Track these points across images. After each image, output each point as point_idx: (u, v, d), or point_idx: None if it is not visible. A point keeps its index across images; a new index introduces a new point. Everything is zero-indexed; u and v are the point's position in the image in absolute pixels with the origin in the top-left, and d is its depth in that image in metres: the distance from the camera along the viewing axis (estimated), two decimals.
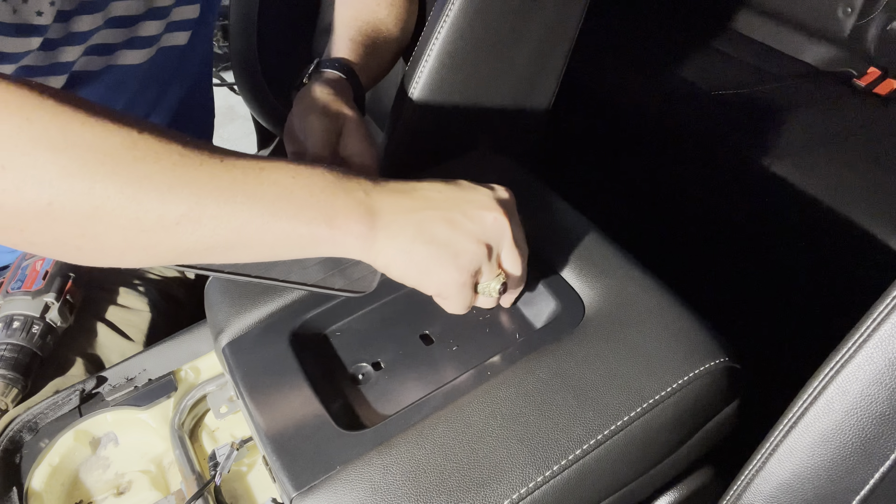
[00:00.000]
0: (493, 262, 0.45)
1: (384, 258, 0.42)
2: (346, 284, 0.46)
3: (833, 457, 0.38)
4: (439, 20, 0.66)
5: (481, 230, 0.43)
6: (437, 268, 0.43)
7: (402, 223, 0.42)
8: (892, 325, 0.35)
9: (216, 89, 2.58)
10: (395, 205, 0.42)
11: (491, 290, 0.46)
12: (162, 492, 0.55)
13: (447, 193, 0.44)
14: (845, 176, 0.85)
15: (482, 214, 0.43)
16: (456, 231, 0.42)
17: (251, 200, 0.38)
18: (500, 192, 0.46)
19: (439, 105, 0.70)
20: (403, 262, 0.43)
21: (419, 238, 0.42)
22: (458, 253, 0.43)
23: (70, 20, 0.58)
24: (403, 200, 0.42)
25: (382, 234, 0.42)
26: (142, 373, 0.60)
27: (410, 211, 0.42)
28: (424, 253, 0.42)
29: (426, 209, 0.42)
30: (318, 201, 0.40)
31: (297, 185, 0.40)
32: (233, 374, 0.49)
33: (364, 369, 0.50)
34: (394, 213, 0.42)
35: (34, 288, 0.65)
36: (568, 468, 0.41)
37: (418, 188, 0.43)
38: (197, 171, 0.37)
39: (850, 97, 1.03)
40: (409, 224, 0.42)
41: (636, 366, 0.45)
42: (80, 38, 0.59)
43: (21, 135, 0.34)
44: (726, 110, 0.99)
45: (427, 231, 0.42)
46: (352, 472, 0.41)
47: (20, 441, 0.56)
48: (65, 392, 0.58)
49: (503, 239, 0.44)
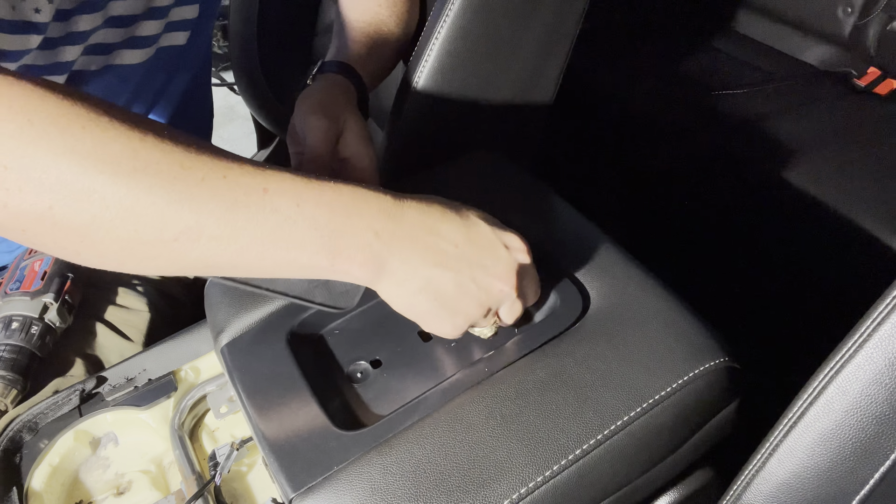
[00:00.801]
0: (491, 316, 0.46)
1: (386, 296, 0.43)
2: (327, 298, 0.46)
3: (833, 457, 0.38)
4: (439, 20, 0.66)
5: (487, 297, 0.43)
6: (435, 320, 0.44)
7: (409, 274, 0.41)
8: (892, 325, 0.35)
9: (216, 89, 2.58)
10: (405, 255, 0.40)
11: (481, 334, 0.48)
12: (162, 492, 0.54)
13: (463, 250, 0.42)
14: (845, 176, 0.85)
15: (492, 283, 0.43)
16: (462, 295, 0.42)
17: (252, 225, 0.37)
18: (516, 252, 0.44)
19: (439, 105, 0.70)
20: (405, 305, 0.43)
21: (424, 292, 0.42)
22: (458, 312, 0.43)
23: (69, 19, 0.58)
24: (415, 252, 0.41)
25: (386, 280, 0.41)
26: (142, 373, 0.60)
27: (420, 264, 0.41)
28: (427, 307, 0.43)
29: (437, 266, 0.41)
30: (321, 236, 0.38)
31: (302, 216, 0.38)
32: (231, 375, 0.49)
33: (362, 368, 0.50)
34: (402, 264, 0.40)
35: (33, 288, 0.65)
36: (568, 468, 0.41)
37: (436, 234, 0.41)
38: (198, 187, 0.36)
39: (850, 97, 1.02)
40: (416, 277, 0.41)
41: (636, 365, 0.45)
42: (79, 37, 0.59)
43: (23, 136, 0.33)
44: (726, 110, 0.99)
45: (433, 288, 0.42)
46: (351, 472, 0.41)
47: (20, 441, 0.56)
48: (65, 392, 0.58)
49: (504, 303, 0.45)
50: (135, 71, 0.68)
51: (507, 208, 0.54)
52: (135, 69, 0.67)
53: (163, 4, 0.65)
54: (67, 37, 0.58)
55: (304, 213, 0.38)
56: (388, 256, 0.40)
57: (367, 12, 0.66)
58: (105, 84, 0.66)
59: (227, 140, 2.15)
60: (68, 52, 0.60)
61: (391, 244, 0.40)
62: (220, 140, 2.16)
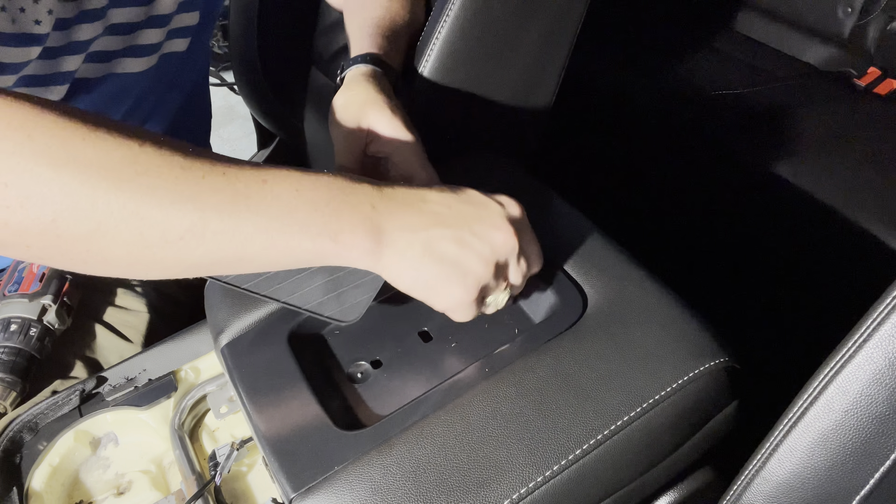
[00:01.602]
0: (500, 277, 0.45)
1: (391, 273, 0.42)
2: (335, 311, 0.46)
3: (833, 457, 0.38)
4: (439, 20, 0.66)
5: (490, 250, 0.43)
6: (445, 286, 0.43)
7: (409, 240, 0.41)
8: (892, 325, 0.35)
9: (216, 89, 2.58)
10: (402, 220, 0.41)
11: (498, 303, 0.47)
12: (162, 492, 0.55)
13: (457, 209, 0.43)
14: (845, 176, 0.85)
15: (491, 234, 0.43)
16: (465, 250, 0.42)
17: (255, 215, 0.38)
18: (510, 207, 0.45)
19: (439, 105, 0.70)
20: (411, 278, 0.43)
21: (427, 257, 0.42)
22: (466, 272, 0.42)
23: (70, 28, 0.57)
24: (411, 216, 0.41)
25: (389, 251, 0.41)
26: (142, 373, 0.60)
27: (419, 228, 0.41)
28: (433, 272, 0.42)
29: (435, 226, 0.42)
30: (322, 216, 0.39)
31: (301, 200, 0.39)
32: (231, 375, 0.49)
33: (362, 368, 0.50)
34: (401, 230, 0.41)
35: (31, 290, 0.65)
36: (568, 468, 0.41)
37: (427, 201, 0.43)
38: (199, 185, 0.37)
39: (850, 97, 1.02)
40: (416, 241, 0.41)
41: (636, 365, 0.45)
42: (80, 46, 0.59)
43: (23, 151, 0.34)
44: (726, 110, 0.99)
45: (436, 250, 0.42)
46: (351, 472, 0.41)
47: (20, 441, 0.56)
48: (65, 392, 0.58)
49: (511, 257, 0.44)
50: (137, 78, 0.67)
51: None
52: (137, 77, 0.67)
53: (164, 12, 0.65)
54: (68, 46, 0.58)
55: (304, 197, 0.39)
56: (386, 225, 0.41)
57: (379, 9, 0.66)
58: (107, 92, 0.66)
59: (227, 140, 2.15)
60: (70, 62, 0.59)
61: (388, 213, 0.41)
62: (220, 140, 2.15)
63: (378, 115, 0.53)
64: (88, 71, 0.63)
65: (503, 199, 0.45)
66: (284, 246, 0.39)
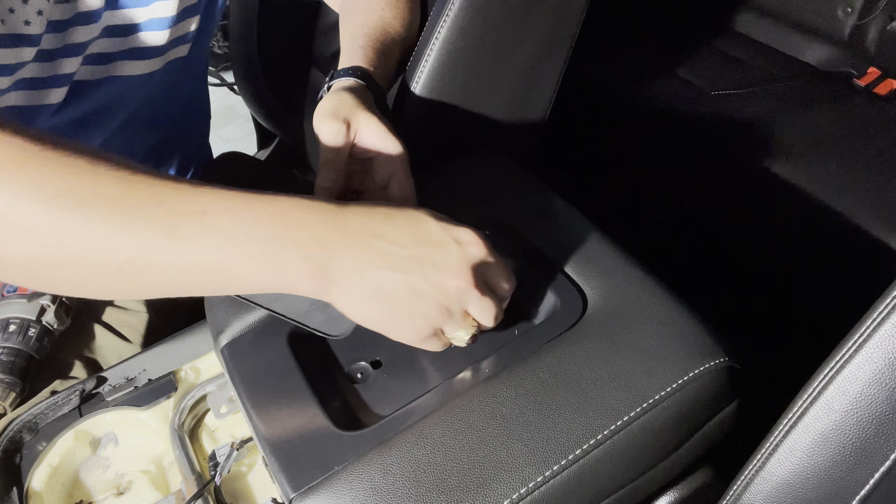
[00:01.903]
0: (458, 318, 0.42)
1: (341, 307, 0.41)
2: (323, 322, 0.46)
3: (833, 457, 0.38)
4: (439, 20, 0.66)
5: (441, 297, 0.40)
6: (396, 327, 0.42)
7: (357, 281, 0.39)
8: (892, 325, 0.35)
9: (216, 89, 2.57)
10: (351, 260, 0.39)
11: (458, 340, 0.44)
12: (162, 492, 0.55)
13: (411, 250, 0.40)
14: (845, 176, 0.85)
15: (444, 281, 0.40)
16: (414, 297, 0.40)
17: (193, 250, 0.36)
18: (469, 247, 0.41)
19: (440, 105, 0.70)
20: (360, 317, 0.41)
21: (376, 299, 0.40)
22: (416, 316, 0.41)
23: (66, 31, 0.57)
24: (361, 255, 0.39)
25: (336, 290, 0.39)
26: (142, 373, 0.60)
27: (368, 268, 0.39)
28: (381, 314, 0.41)
29: (385, 268, 0.39)
30: (264, 252, 0.37)
31: (242, 234, 0.37)
32: (231, 376, 0.49)
33: (363, 368, 0.50)
34: (349, 270, 0.39)
35: (30, 291, 0.65)
36: (568, 468, 0.41)
37: (381, 237, 0.40)
38: (135, 218, 0.36)
39: (850, 97, 1.03)
40: (365, 283, 0.39)
41: (636, 365, 0.45)
42: (77, 48, 0.59)
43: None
44: (726, 110, 0.99)
45: (384, 293, 0.40)
46: (351, 472, 0.41)
47: (20, 441, 0.56)
48: (65, 392, 0.58)
49: (467, 302, 0.41)
50: (139, 81, 0.67)
51: (507, 208, 0.54)
52: (139, 80, 0.67)
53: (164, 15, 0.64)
54: (65, 48, 0.58)
55: (245, 231, 0.37)
56: (334, 265, 0.39)
57: (371, 17, 0.66)
58: (108, 94, 0.66)
59: (227, 140, 2.15)
60: (67, 64, 0.59)
61: (336, 252, 0.39)
62: (220, 140, 2.15)
63: (366, 117, 0.52)
64: (87, 73, 0.63)
65: (463, 235, 0.42)
66: (226, 278, 0.38)
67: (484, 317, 0.43)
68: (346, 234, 0.39)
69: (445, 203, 0.58)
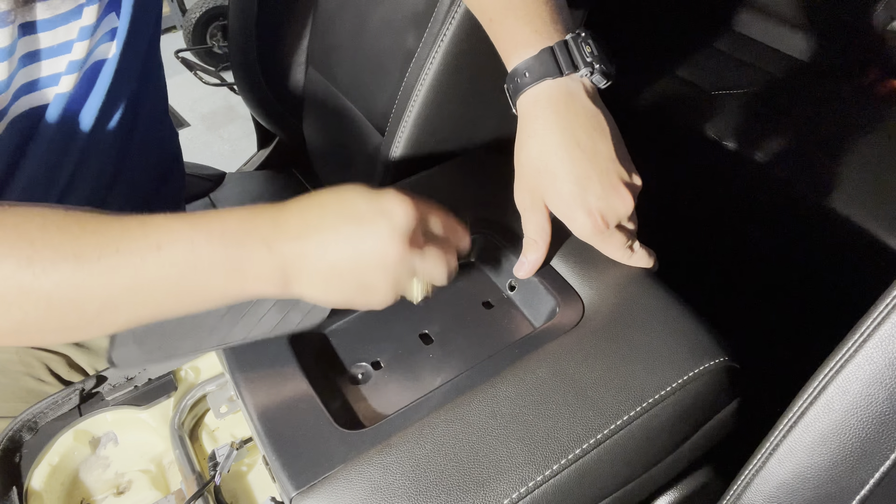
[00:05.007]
0: (408, 280, 0.45)
1: (306, 297, 0.44)
2: (302, 319, 0.47)
3: (833, 457, 0.38)
4: (445, 21, 0.66)
5: (384, 268, 0.43)
6: (356, 302, 0.44)
7: (310, 270, 0.42)
8: (892, 325, 0.35)
9: (216, 89, 2.57)
10: (299, 254, 0.41)
11: (414, 299, 0.46)
12: (162, 491, 0.55)
13: (344, 232, 0.42)
14: (845, 176, 0.85)
15: (381, 255, 0.42)
16: (362, 274, 0.42)
17: (158, 284, 0.39)
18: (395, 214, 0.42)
19: (442, 106, 0.70)
20: (323, 300, 0.44)
21: (331, 282, 0.43)
22: (368, 289, 0.43)
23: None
24: (306, 247, 0.41)
25: (296, 284, 0.42)
26: (142, 372, 0.60)
27: (315, 258, 0.42)
28: (340, 293, 0.43)
29: (329, 255, 0.42)
30: (224, 270, 0.40)
31: (199, 259, 0.39)
32: (232, 374, 0.49)
33: (363, 369, 0.50)
34: (301, 264, 0.42)
35: None
36: (567, 467, 0.41)
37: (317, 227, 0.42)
38: (97, 269, 0.38)
39: (850, 97, 1.02)
40: (317, 270, 0.42)
41: (636, 365, 0.45)
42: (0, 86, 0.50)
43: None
44: (726, 110, 0.99)
45: (336, 276, 0.42)
46: (351, 471, 0.41)
47: (20, 440, 0.56)
48: (64, 392, 0.58)
49: (410, 266, 0.44)
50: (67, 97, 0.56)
51: (507, 208, 0.54)
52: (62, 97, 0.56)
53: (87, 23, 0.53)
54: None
55: (201, 255, 0.40)
56: (286, 263, 0.41)
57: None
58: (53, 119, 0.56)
59: (227, 140, 2.15)
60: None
61: (284, 252, 0.41)
62: (220, 140, 2.16)
63: None
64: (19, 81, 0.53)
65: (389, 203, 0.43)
66: (197, 299, 0.41)
67: (433, 274, 0.45)
68: (288, 233, 0.42)
69: (442, 204, 0.59)
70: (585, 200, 0.48)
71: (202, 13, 2.37)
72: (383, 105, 0.80)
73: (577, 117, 0.49)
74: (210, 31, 2.42)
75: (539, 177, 0.49)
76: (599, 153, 0.48)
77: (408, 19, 0.75)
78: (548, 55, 0.49)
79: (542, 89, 0.49)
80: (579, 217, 0.48)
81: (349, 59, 0.89)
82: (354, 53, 0.87)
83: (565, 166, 0.48)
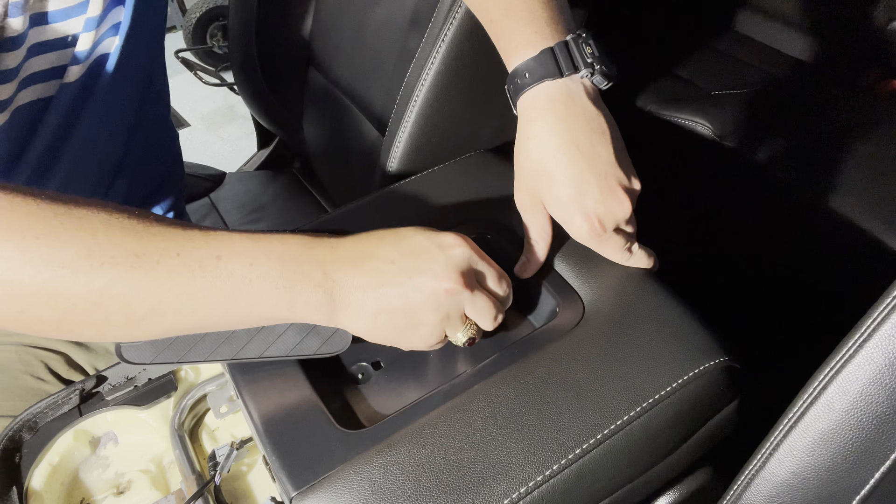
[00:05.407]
0: (457, 319, 0.45)
1: (349, 328, 0.44)
2: (320, 346, 0.47)
3: (833, 457, 0.38)
4: (446, 22, 0.66)
5: (436, 303, 0.43)
6: (400, 339, 0.45)
7: (360, 301, 0.43)
8: (892, 325, 0.35)
9: (216, 89, 2.57)
10: (353, 283, 0.42)
11: (457, 341, 0.46)
12: (162, 491, 0.55)
13: (401, 264, 0.43)
14: (845, 176, 0.85)
15: (435, 287, 0.43)
16: (412, 307, 0.43)
17: (211, 294, 0.40)
18: (454, 250, 0.44)
19: (443, 106, 0.70)
20: (368, 333, 0.44)
21: (380, 315, 0.43)
22: (417, 325, 0.44)
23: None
24: (360, 277, 0.42)
25: (343, 313, 0.43)
26: (142, 372, 0.60)
27: (368, 288, 0.42)
28: (386, 328, 0.44)
29: (382, 286, 0.42)
30: (276, 288, 0.41)
31: (255, 274, 0.40)
32: (232, 374, 0.49)
33: (364, 369, 0.50)
34: (352, 292, 0.42)
35: None
36: (567, 467, 0.41)
37: (375, 258, 0.43)
38: (155, 271, 0.38)
39: (850, 97, 1.03)
40: (367, 302, 0.43)
41: (636, 365, 0.45)
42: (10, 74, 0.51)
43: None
44: (726, 110, 0.99)
45: (385, 309, 0.43)
46: (351, 471, 0.41)
47: (20, 440, 0.56)
48: (64, 391, 0.58)
49: (462, 303, 0.44)
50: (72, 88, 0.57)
51: (507, 208, 0.54)
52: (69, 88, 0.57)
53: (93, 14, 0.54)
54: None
55: (258, 271, 0.40)
56: (338, 291, 0.42)
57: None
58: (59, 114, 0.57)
59: (227, 140, 2.15)
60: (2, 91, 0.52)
61: (340, 278, 0.42)
62: (221, 140, 2.16)
63: None
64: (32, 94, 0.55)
65: (447, 239, 0.44)
66: (243, 316, 0.42)
67: (480, 317, 0.45)
68: (346, 260, 0.43)
69: (442, 205, 0.59)
70: (583, 204, 0.48)
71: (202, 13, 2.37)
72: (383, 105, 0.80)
73: (576, 119, 0.49)
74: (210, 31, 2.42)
75: (538, 179, 0.49)
76: (598, 156, 0.48)
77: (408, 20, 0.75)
78: (548, 56, 0.49)
79: (542, 90, 0.49)
80: (576, 220, 0.48)
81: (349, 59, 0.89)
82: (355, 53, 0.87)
83: (564, 169, 0.48)
